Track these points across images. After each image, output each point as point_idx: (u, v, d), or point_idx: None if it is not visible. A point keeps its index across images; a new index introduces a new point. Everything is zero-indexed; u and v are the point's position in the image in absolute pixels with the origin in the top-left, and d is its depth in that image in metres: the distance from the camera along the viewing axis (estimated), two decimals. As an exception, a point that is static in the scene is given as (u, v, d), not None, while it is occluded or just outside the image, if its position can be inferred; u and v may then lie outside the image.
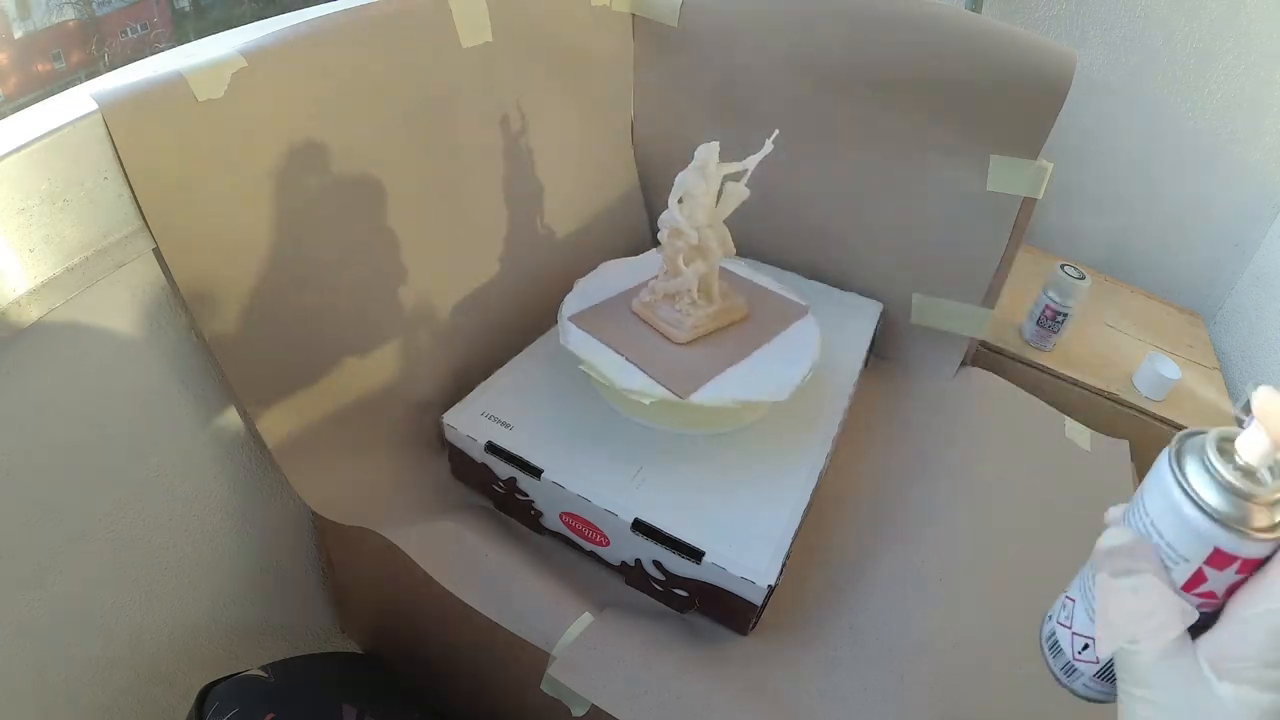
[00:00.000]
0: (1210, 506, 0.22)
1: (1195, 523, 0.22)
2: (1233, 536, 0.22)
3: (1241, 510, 0.22)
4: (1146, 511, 0.24)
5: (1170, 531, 0.23)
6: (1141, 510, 0.24)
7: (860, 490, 0.62)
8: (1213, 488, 0.22)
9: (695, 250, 0.55)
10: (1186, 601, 0.23)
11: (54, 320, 0.39)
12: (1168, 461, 0.24)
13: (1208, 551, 0.22)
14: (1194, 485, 0.23)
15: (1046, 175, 0.66)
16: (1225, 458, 0.23)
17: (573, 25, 0.70)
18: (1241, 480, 0.22)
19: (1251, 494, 0.22)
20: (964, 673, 0.49)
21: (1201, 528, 0.22)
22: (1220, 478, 0.22)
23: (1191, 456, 0.23)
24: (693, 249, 0.55)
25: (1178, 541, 0.23)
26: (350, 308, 0.53)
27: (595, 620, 0.46)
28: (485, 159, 0.63)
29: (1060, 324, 0.86)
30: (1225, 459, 0.23)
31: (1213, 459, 0.23)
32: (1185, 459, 0.23)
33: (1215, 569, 0.22)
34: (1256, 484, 0.22)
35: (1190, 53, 0.99)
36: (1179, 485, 0.23)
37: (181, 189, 0.42)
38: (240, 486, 0.53)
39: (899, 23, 0.66)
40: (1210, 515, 0.22)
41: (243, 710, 0.42)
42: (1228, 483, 0.22)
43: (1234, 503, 0.22)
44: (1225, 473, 0.22)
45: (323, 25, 0.49)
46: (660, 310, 0.57)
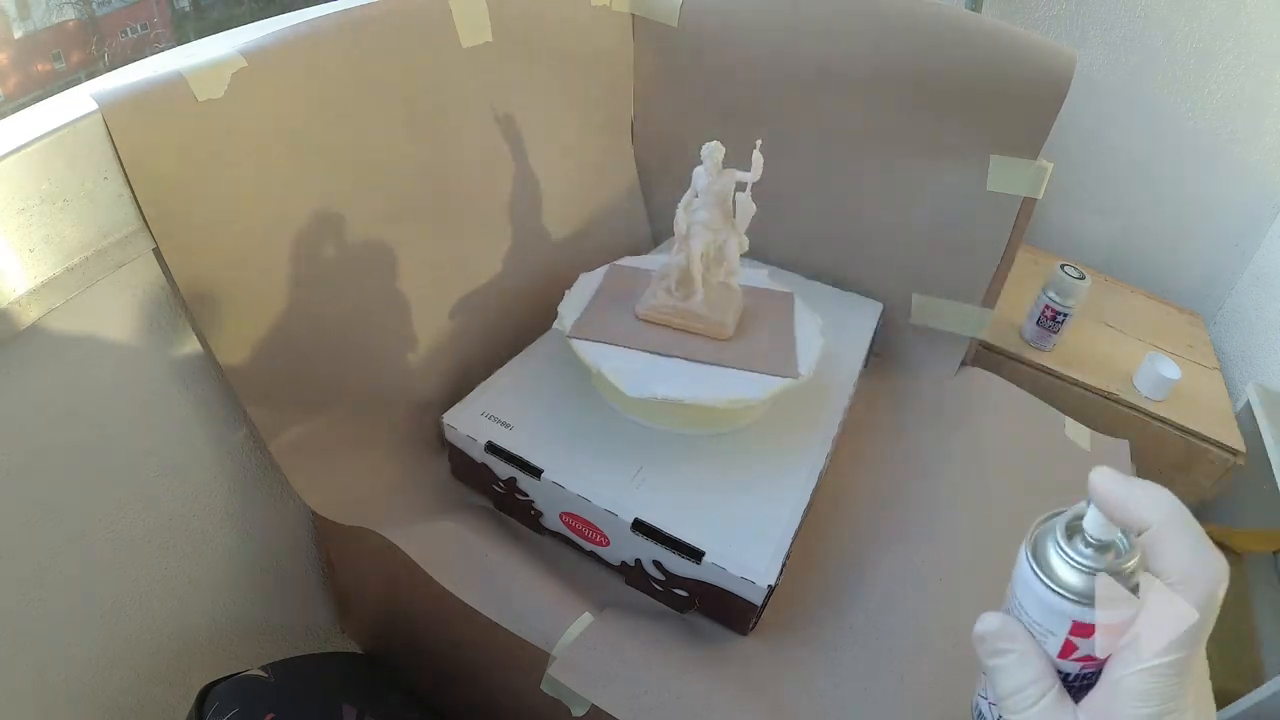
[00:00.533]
0: (1062, 586, 0.24)
1: (1050, 601, 0.25)
2: (1087, 610, 0.24)
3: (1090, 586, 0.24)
4: (1015, 595, 0.27)
5: (1034, 610, 0.25)
6: (1012, 594, 0.27)
7: (860, 490, 0.62)
8: (1065, 568, 0.24)
9: (682, 241, 0.56)
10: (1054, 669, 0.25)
11: (54, 320, 0.39)
12: (1024, 550, 0.26)
13: (1068, 625, 0.24)
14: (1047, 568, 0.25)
15: (1046, 175, 0.66)
16: (1073, 539, 0.25)
17: (573, 25, 0.70)
18: (1093, 557, 0.24)
19: (1104, 568, 0.24)
20: (964, 673, 0.49)
21: (1056, 605, 0.24)
22: (1070, 559, 0.24)
23: (1047, 540, 0.26)
24: (681, 239, 0.56)
25: (1042, 619, 0.25)
26: (350, 308, 0.53)
27: (595, 620, 0.46)
28: (485, 159, 0.63)
29: (1060, 324, 0.86)
30: (1073, 540, 0.25)
31: (1062, 542, 0.25)
32: (1042, 544, 0.26)
33: (1082, 637, 0.24)
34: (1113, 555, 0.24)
35: (1190, 53, 1.00)
36: (1033, 571, 0.25)
37: (181, 189, 0.42)
38: (240, 486, 0.53)
39: (899, 23, 0.66)
40: (1061, 594, 0.24)
41: (243, 710, 0.42)
42: (1077, 562, 0.24)
43: (1084, 580, 0.24)
44: (1073, 553, 0.24)
45: (323, 25, 0.49)
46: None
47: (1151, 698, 0.23)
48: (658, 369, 0.53)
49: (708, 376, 0.53)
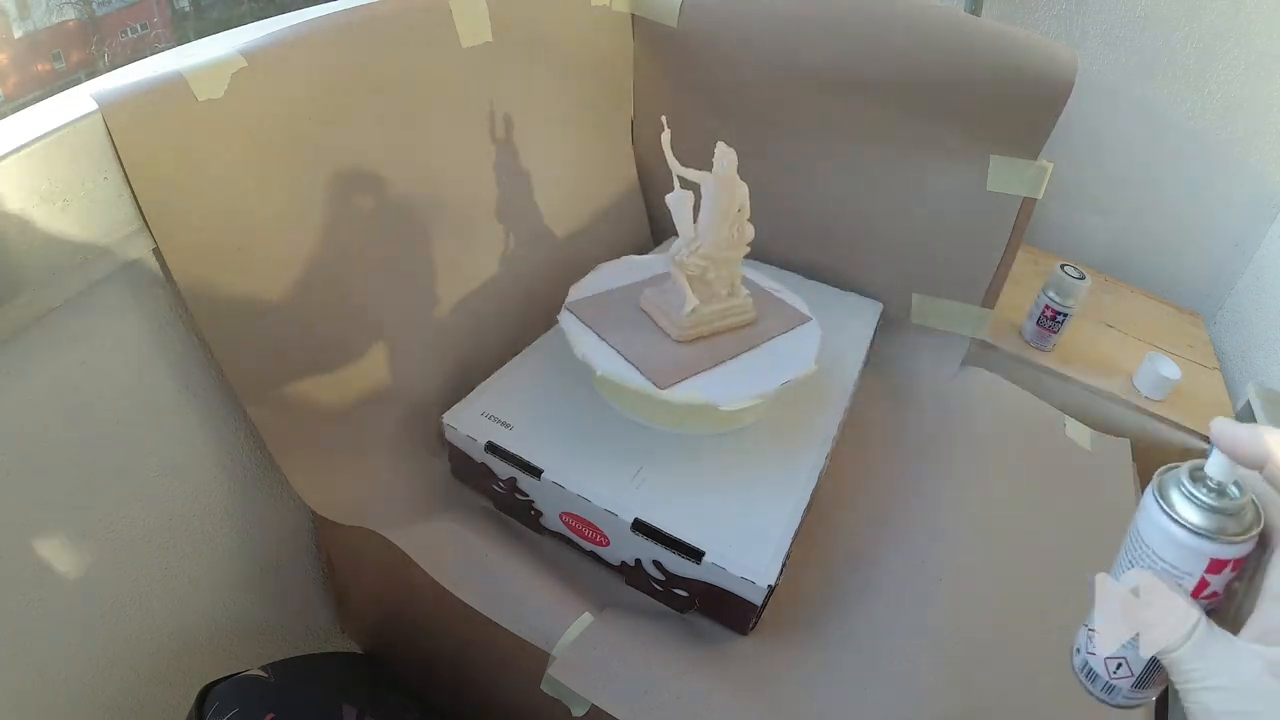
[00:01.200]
0: (1197, 526, 0.27)
1: (1189, 542, 0.27)
2: (1221, 545, 0.27)
3: (1221, 522, 0.27)
4: (1146, 545, 0.29)
5: (1171, 555, 0.28)
6: (1142, 546, 0.29)
7: (860, 490, 0.62)
8: (1195, 510, 0.27)
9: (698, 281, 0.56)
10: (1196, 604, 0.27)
11: (54, 320, 0.39)
12: (1154, 498, 0.29)
13: (1205, 563, 0.27)
14: (1180, 512, 0.27)
15: (1046, 175, 0.66)
16: (1198, 483, 0.28)
17: (573, 26, 0.70)
18: (1216, 499, 0.27)
19: (1224, 508, 0.27)
20: (966, 672, 0.49)
21: (1195, 545, 0.27)
22: (1200, 501, 0.27)
23: (1172, 488, 0.28)
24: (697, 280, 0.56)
25: (1179, 561, 0.27)
26: (350, 307, 0.53)
27: (595, 620, 0.46)
28: (485, 159, 0.63)
29: (1060, 324, 0.86)
30: (1198, 484, 0.28)
31: (1189, 487, 0.28)
32: (1168, 491, 0.28)
33: (1214, 574, 0.27)
34: (1228, 498, 0.27)
35: (1191, 53, 1.00)
36: (1168, 515, 0.28)
37: (181, 189, 0.42)
38: (240, 486, 0.53)
39: (899, 23, 0.66)
40: (1199, 533, 0.27)
41: (243, 710, 0.42)
42: (1206, 504, 0.27)
43: (1214, 518, 0.27)
44: (1202, 496, 0.27)
45: (323, 25, 0.49)
46: (663, 305, 0.57)
47: None
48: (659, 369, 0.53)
49: (710, 376, 0.53)
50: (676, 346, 0.55)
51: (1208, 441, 0.28)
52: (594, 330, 0.56)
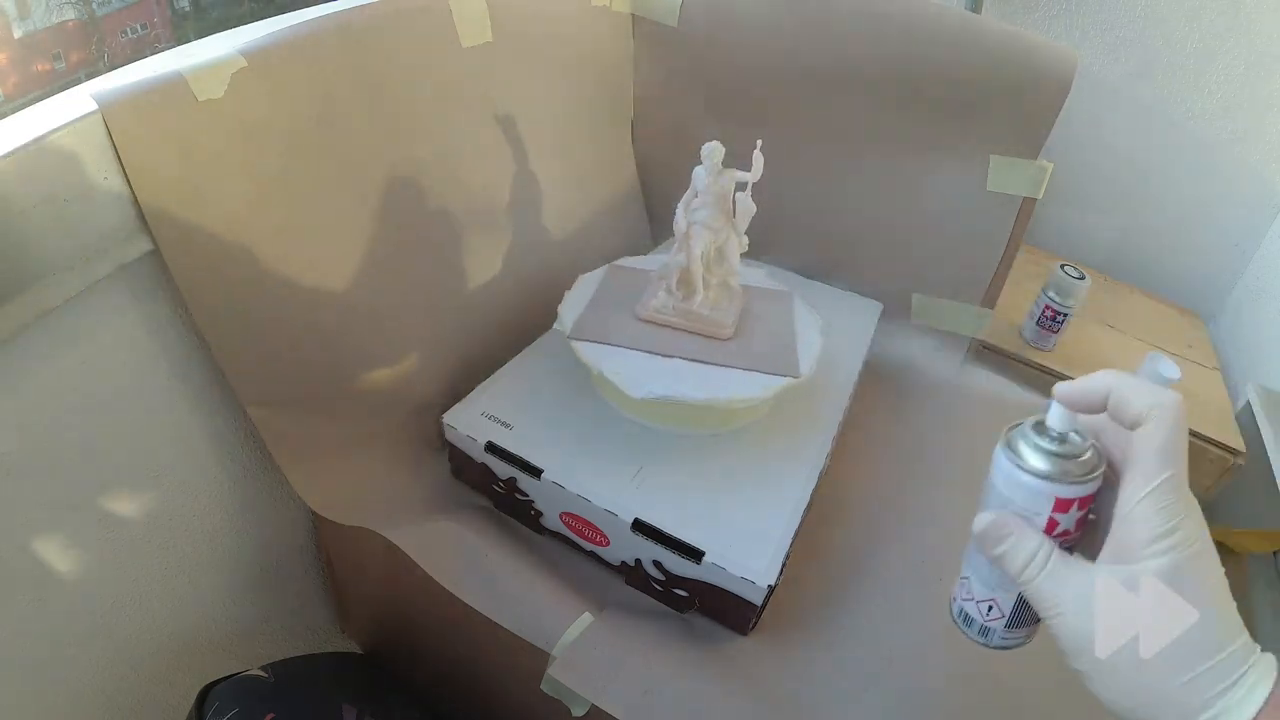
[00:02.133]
0: (1040, 470, 0.30)
1: (1033, 485, 0.30)
2: (1063, 485, 0.30)
3: (1063, 465, 0.30)
4: (999, 492, 0.32)
5: (1020, 498, 0.31)
6: (995, 493, 0.32)
7: (860, 490, 0.62)
8: (1039, 456, 0.30)
9: (682, 240, 0.56)
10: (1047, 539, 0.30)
11: (54, 320, 0.39)
12: (1002, 449, 0.32)
13: (1051, 502, 0.30)
14: (1025, 460, 0.30)
15: (1046, 175, 0.66)
16: (1041, 434, 0.31)
17: (573, 25, 0.70)
18: (1058, 445, 0.30)
19: (1065, 452, 0.30)
20: (965, 672, 0.49)
21: (1038, 486, 0.30)
22: (1043, 448, 0.30)
23: (1018, 439, 0.31)
24: (681, 239, 0.56)
25: (1028, 503, 0.30)
26: (350, 307, 0.53)
27: (595, 620, 0.46)
28: (485, 159, 0.63)
29: (1060, 324, 0.86)
30: (1041, 435, 0.31)
31: (1034, 437, 0.31)
32: (1015, 443, 0.31)
33: (1061, 513, 0.30)
34: (1069, 444, 0.30)
35: (1190, 53, 1.00)
36: (1014, 464, 0.31)
37: (181, 189, 0.42)
38: (240, 487, 0.53)
39: (899, 23, 0.66)
40: (1041, 476, 0.30)
41: (243, 710, 0.42)
42: (1048, 450, 0.30)
43: (1056, 462, 0.30)
44: (1045, 444, 0.30)
45: (323, 25, 0.49)
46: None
47: (1163, 514, 0.27)
48: (659, 369, 0.54)
49: (709, 376, 0.53)
50: (632, 322, 0.57)
51: None
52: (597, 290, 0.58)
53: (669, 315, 0.57)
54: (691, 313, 0.57)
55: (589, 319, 0.57)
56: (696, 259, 0.55)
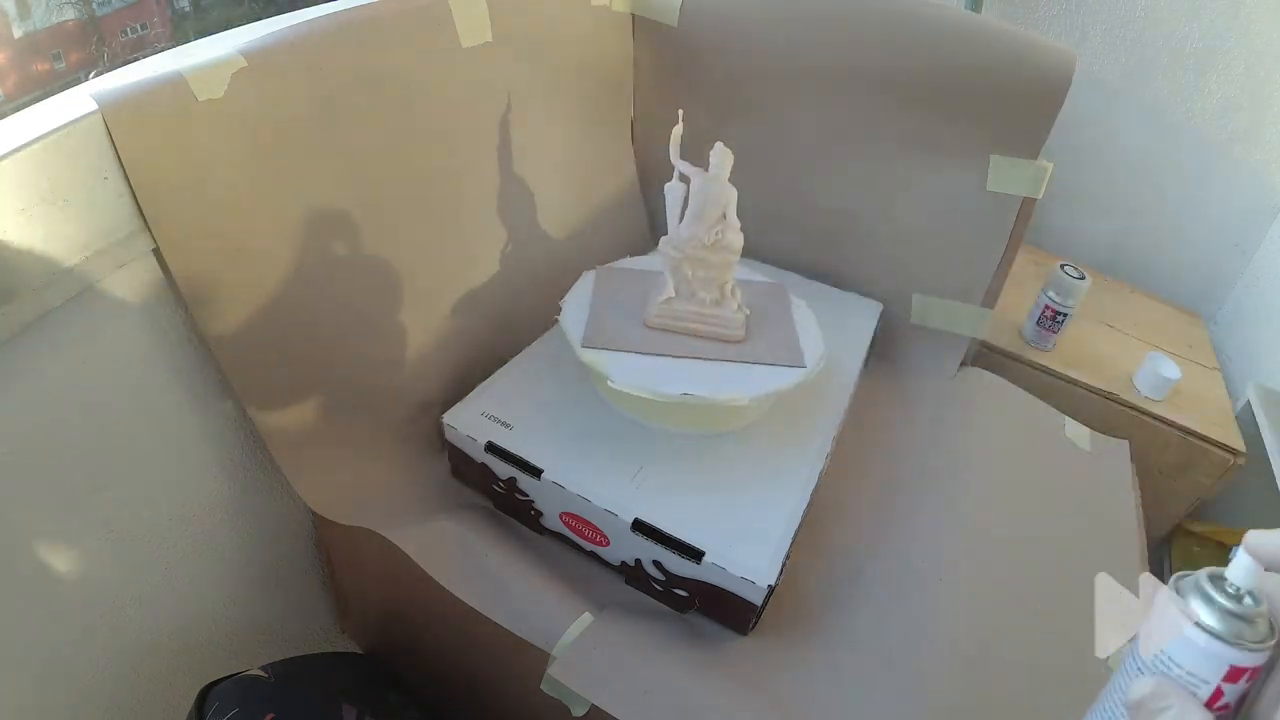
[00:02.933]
0: (1218, 631, 0.26)
1: (1208, 647, 0.26)
2: (1242, 653, 0.26)
3: (1241, 628, 0.26)
4: (1155, 649, 0.28)
5: (1187, 661, 0.27)
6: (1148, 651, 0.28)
7: (860, 490, 0.62)
8: (1215, 614, 0.26)
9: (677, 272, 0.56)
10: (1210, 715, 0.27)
11: (54, 321, 0.39)
12: (1170, 597, 0.28)
13: (1224, 670, 0.26)
14: (1201, 616, 0.27)
15: (1046, 175, 0.66)
16: (1218, 587, 0.27)
17: (573, 25, 0.70)
18: (1236, 604, 0.27)
19: (1244, 614, 0.26)
20: (964, 671, 0.49)
21: (1215, 650, 0.26)
22: (1221, 605, 0.27)
23: (1190, 592, 0.28)
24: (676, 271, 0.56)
25: (1195, 668, 0.27)
26: (350, 307, 0.53)
27: (595, 620, 0.46)
28: (485, 159, 0.63)
29: (1060, 324, 0.86)
30: (1219, 588, 0.27)
31: (1211, 591, 0.27)
32: (1186, 595, 0.28)
33: (1231, 683, 0.26)
34: (1246, 605, 0.27)
35: (1190, 53, 1.00)
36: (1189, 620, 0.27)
37: (181, 189, 0.42)
38: (240, 487, 0.53)
39: (898, 23, 0.66)
40: (1220, 638, 0.26)
41: (243, 710, 0.42)
42: (1227, 609, 0.26)
43: (1234, 624, 0.26)
44: (1222, 600, 0.27)
45: (323, 25, 0.49)
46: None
47: None
48: (671, 370, 0.53)
49: (719, 375, 0.53)
50: (639, 327, 0.56)
51: None
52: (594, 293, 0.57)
53: (679, 320, 0.57)
54: (668, 305, 0.56)
55: (598, 327, 0.56)
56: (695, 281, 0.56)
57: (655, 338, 0.56)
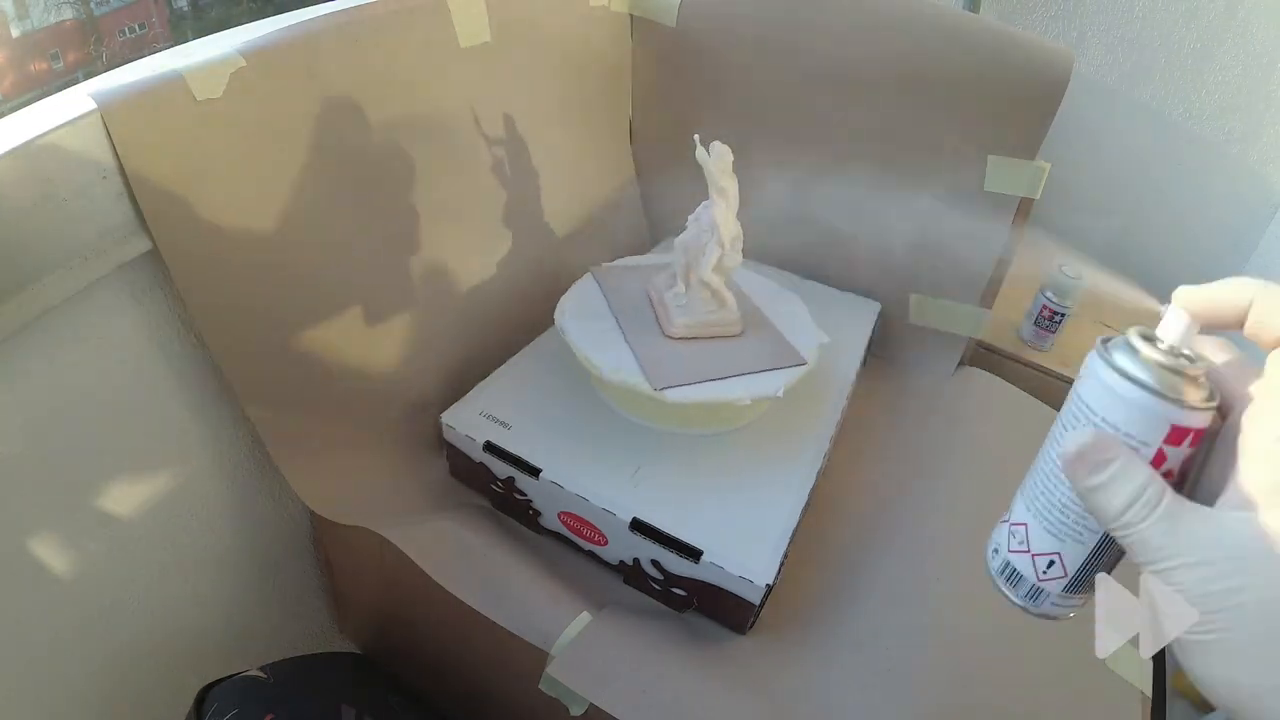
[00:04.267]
0: (1157, 386, 0.23)
1: (1147, 404, 0.23)
2: (1183, 410, 0.23)
3: (1180, 387, 0.23)
4: (1094, 412, 0.25)
5: (1123, 420, 0.24)
6: (1087, 413, 0.25)
7: (858, 490, 0.62)
8: (1151, 370, 0.24)
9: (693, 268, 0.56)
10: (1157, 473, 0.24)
11: (53, 321, 0.39)
12: (1099, 358, 0.25)
13: (1165, 430, 0.23)
14: (1134, 372, 0.24)
15: (1044, 175, 0.66)
16: (1150, 344, 0.24)
17: (571, 26, 0.70)
18: (1173, 359, 0.24)
19: (1184, 370, 0.23)
20: (963, 671, 0.49)
21: (1155, 408, 0.23)
22: (1156, 361, 0.24)
23: (1119, 351, 0.25)
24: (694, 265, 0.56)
25: (1134, 428, 0.24)
26: (349, 307, 0.53)
27: (593, 619, 0.46)
28: (483, 159, 0.63)
29: (1058, 324, 0.86)
30: (1151, 345, 0.24)
31: (1143, 347, 0.24)
32: (1114, 354, 0.25)
33: (1173, 446, 0.24)
34: (1185, 361, 0.24)
35: (1188, 53, 1.00)
36: (1123, 376, 0.24)
37: (180, 189, 0.42)
38: (239, 487, 0.53)
39: (897, 23, 0.66)
40: (1159, 394, 0.23)
41: (242, 711, 0.42)
42: (1164, 364, 0.24)
43: (1171, 381, 0.23)
44: (1159, 356, 0.24)
45: (321, 25, 0.49)
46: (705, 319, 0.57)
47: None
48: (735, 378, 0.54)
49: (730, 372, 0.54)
50: (675, 345, 0.56)
51: None
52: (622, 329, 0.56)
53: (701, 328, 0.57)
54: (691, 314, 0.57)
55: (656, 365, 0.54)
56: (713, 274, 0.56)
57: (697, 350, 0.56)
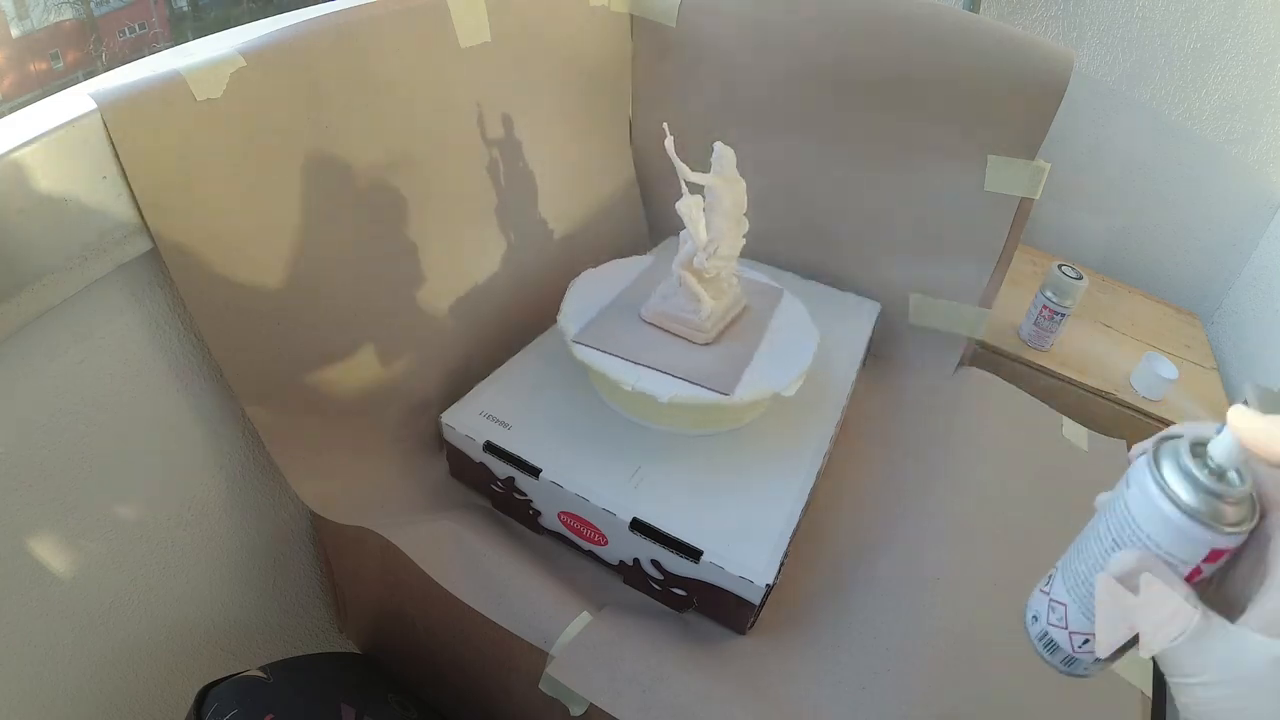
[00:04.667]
0: (1202, 512, 0.25)
1: (1191, 530, 0.25)
2: (1224, 536, 0.25)
3: (1224, 509, 0.25)
4: (1139, 528, 0.26)
5: (1169, 541, 0.25)
6: (1134, 528, 0.26)
7: (858, 490, 0.62)
8: (1198, 494, 0.25)
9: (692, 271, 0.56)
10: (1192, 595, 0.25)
11: (53, 320, 0.39)
12: (1149, 473, 0.26)
13: (1205, 552, 0.25)
14: (1182, 496, 0.25)
15: (1044, 175, 0.66)
16: (1199, 463, 0.25)
17: (571, 26, 0.70)
18: (1218, 483, 0.25)
19: (1227, 494, 0.25)
20: (963, 671, 0.49)
21: (1199, 535, 0.25)
22: (1202, 485, 0.25)
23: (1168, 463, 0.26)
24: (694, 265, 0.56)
25: (1177, 549, 0.25)
26: (349, 308, 0.53)
27: (594, 619, 0.46)
28: (483, 159, 0.63)
29: (1058, 324, 0.87)
30: (1200, 464, 0.25)
31: (1192, 468, 0.25)
32: (1164, 469, 0.26)
33: (1210, 564, 0.25)
34: (1228, 485, 0.25)
35: (1188, 54, 1.00)
36: (1169, 499, 0.25)
37: (180, 189, 0.42)
38: (238, 486, 0.53)
39: (897, 23, 0.66)
40: (1203, 521, 0.25)
41: (241, 711, 0.42)
42: (1209, 488, 0.25)
43: (1217, 505, 0.25)
44: (1205, 479, 0.25)
45: (322, 25, 0.49)
46: (675, 314, 0.57)
47: None
48: None
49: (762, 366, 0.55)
50: (706, 350, 0.56)
51: None
52: (619, 355, 0.54)
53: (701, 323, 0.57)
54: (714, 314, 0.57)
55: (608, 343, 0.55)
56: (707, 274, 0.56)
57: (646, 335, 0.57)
